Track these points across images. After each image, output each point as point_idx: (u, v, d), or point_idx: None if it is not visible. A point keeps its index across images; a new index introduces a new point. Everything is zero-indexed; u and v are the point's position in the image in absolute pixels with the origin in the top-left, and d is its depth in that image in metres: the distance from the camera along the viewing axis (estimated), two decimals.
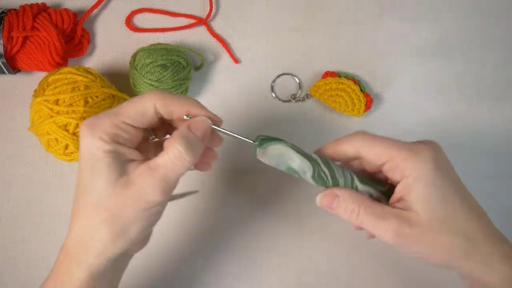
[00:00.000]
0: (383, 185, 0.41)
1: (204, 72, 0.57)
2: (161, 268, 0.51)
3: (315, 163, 0.39)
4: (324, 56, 0.57)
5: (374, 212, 0.37)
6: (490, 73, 0.57)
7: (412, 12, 0.59)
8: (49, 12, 0.53)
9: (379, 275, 0.51)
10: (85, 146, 0.34)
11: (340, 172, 0.39)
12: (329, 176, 0.39)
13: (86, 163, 0.34)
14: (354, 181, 0.39)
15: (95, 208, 0.34)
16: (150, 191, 0.34)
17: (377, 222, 0.37)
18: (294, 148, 0.39)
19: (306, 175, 0.39)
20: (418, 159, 0.37)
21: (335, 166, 0.39)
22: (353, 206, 0.38)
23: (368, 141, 0.39)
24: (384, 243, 0.38)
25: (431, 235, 0.36)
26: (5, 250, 0.51)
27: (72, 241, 0.35)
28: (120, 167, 0.34)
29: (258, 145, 0.39)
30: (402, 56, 0.57)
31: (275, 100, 0.56)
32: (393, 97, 0.56)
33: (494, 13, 0.59)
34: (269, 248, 0.52)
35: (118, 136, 0.34)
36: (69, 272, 0.35)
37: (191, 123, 0.36)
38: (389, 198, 0.39)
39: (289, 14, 0.58)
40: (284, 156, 0.39)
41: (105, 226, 0.34)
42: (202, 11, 0.58)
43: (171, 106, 0.35)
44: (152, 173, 0.34)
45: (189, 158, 0.34)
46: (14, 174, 0.53)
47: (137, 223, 0.34)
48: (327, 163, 0.39)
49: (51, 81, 0.49)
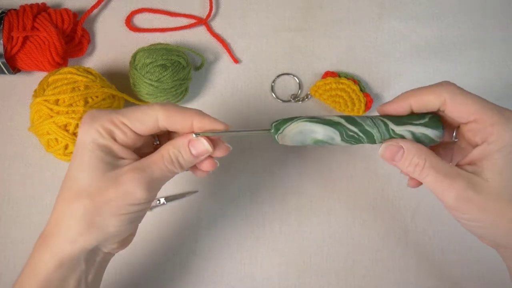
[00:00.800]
0: (422, 117, 0.37)
1: (204, 72, 0.57)
2: (161, 269, 0.51)
3: (339, 126, 0.37)
4: (324, 56, 0.57)
5: (440, 169, 0.35)
6: (490, 73, 0.57)
7: (412, 12, 0.59)
8: (49, 12, 0.53)
9: (379, 275, 0.51)
10: (81, 134, 0.35)
11: (370, 123, 0.37)
12: (360, 132, 0.37)
13: (78, 151, 0.35)
14: (389, 126, 0.37)
15: (76, 196, 0.34)
16: (134, 189, 0.34)
17: (442, 181, 0.35)
18: (312, 120, 0.37)
19: (335, 140, 0.37)
20: (508, 126, 0.34)
21: (362, 118, 0.37)
22: (418, 160, 0.36)
23: (459, 95, 0.35)
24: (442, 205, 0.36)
25: (496, 205, 0.34)
26: (5, 250, 0.51)
27: (49, 226, 0.35)
28: (109, 162, 0.35)
29: (275, 132, 0.38)
30: (402, 56, 0.57)
31: (275, 100, 0.56)
32: (393, 97, 0.56)
33: (494, 13, 0.59)
34: (269, 248, 0.52)
35: (114, 133, 0.35)
36: (40, 257, 0.35)
37: (192, 140, 0.36)
38: (435, 127, 0.37)
39: (289, 14, 0.58)
40: (305, 131, 0.37)
41: (83, 214, 0.34)
42: (202, 11, 0.58)
43: (174, 119, 0.36)
44: (139, 172, 0.35)
45: (179, 169, 0.36)
46: (14, 174, 0.53)
47: (116, 218, 0.35)
48: (352, 120, 0.37)
49: (51, 81, 0.49)
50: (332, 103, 0.54)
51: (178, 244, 0.51)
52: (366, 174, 0.53)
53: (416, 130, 0.37)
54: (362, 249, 0.52)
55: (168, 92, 0.51)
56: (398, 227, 0.52)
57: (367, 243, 0.52)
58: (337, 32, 0.58)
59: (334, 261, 0.52)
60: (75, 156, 0.35)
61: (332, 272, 0.51)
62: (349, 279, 0.51)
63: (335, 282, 0.51)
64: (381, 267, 0.52)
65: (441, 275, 0.51)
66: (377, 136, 0.37)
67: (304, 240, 0.52)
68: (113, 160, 0.35)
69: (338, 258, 0.52)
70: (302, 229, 0.52)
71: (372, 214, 0.53)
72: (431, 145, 0.38)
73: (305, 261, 0.52)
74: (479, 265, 0.51)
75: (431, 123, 0.37)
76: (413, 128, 0.37)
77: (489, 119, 0.34)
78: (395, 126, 0.37)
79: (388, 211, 0.53)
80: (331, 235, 0.52)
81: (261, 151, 0.54)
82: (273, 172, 0.53)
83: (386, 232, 0.52)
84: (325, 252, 0.52)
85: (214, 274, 0.51)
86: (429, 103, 0.36)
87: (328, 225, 0.52)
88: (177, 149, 0.36)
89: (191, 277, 0.51)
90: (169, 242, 0.51)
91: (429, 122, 0.37)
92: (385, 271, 0.52)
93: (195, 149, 0.36)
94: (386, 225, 0.53)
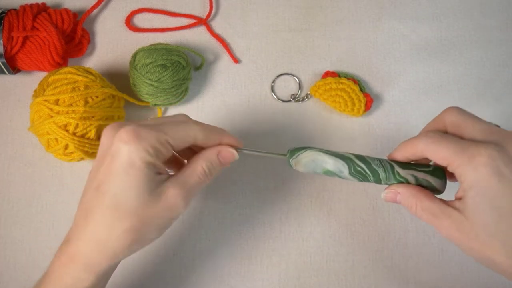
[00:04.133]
0: (427, 166, 0.40)
1: (204, 72, 0.57)
2: (161, 269, 0.51)
3: (349, 160, 0.40)
4: (324, 56, 0.57)
5: (430, 210, 0.38)
6: (490, 73, 0.57)
7: (412, 12, 0.59)
8: (49, 12, 0.53)
9: (379, 275, 0.51)
10: (128, 152, 0.35)
11: (377, 163, 0.40)
12: (367, 169, 0.40)
13: (124, 170, 0.35)
14: (395, 168, 0.40)
15: (120, 214, 0.35)
16: (179, 203, 0.36)
17: (431, 220, 0.38)
18: (324, 151, 0.41)
19: (343, 173, 0.40)
20: (471, 166, 0.35)
21: (371, 158, 0.41)
22: (411, 203, 0.39)
23: (431, 144, 0.38)
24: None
25: (477, 244, 0.36)
26: (5, 250, 0.51)
27: (83, 244, 0.36)
28: (154, 179, 0.36)
29: (289, 157, 0.41)
30: (402, 56, 0.57)
31: (275, 100, 0.56)
32: (393, 97, 0.56)
33: (494, 13, 0.59)
34: (269, 248, 0.52)
35: (160, 151, 0.36)
36: (74, 274, 0.36)
37: (221, 151, 0.40)
38: (438, 177, 0.40)
39: (289, 14, 0.58)
40: (317, 160, 0.41)
41: (129, 233, 0.35)
42: (202, 11, 0.58)
43: (210, 138, 0.39)
44: (180, 187, 0.37)
45: (210, 178, 0.39)
46: (14, 174, 0.53)
47: (158, 231, 0.37)
48: (361, 157, 0.41)
49: (51, 81, 0.49)
50: (332, 103, 0.54)
51: (178, 244, 0.51)
52: None
53: (419, 175, 0.40)
54: (362, 249, 0.52)
55: (168, 92, 0.51)
56: (398, 227, 0.52)
57: (367, 243, 0.52)
58: (337, 32, 0.58)
59: (334, 261, 0.52)
60: (119, 174, 0.35)
61: (332, 272, 0.51)
62: (349, 279, 0.51)
63: (335, 282, 0.51)
64: (381, 267, 0.52)
65: (441, 275, 0.51)
66: (382, 176, 0.40)
67: (304, 240, 0.52)
68: (156, 177, 0.36)
69: (338, 258, 0.52)
70: (302, 229, 0.52)
71: (372, 214, 0.53)
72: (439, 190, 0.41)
73: (305, 261, 0.52)
74: (479, 265, 0.51)
75: (435, 172, 0.40)
76: (417, 174, 0.40)
77: (455, 162, 0.36)
78: (401, 169, 0.40)
79: (388, 211, 0.53)
80: (331, 235, 0.52)
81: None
82: (273, 172, 0.53)
83: (386, 232, 0.52)
84: (325, 252, 0.52)
85: (214, 274, 0.51)
86: (414, 155, 0.39)
87: (328, 225, 0.52)
88: (209, 161, 0.39)
89: (191, 277, 0.50)
90: (169, 242, 0.51)
91: (433, 171, 0.40)
92: (385, 271, 0.51)
93: (223, 158, 0.40)
94: (386, 225, 0.53)
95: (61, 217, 0.52)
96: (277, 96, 0.56)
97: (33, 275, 0.50)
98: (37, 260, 0.51)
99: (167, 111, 0.55)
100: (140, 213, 0.35)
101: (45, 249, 0.51)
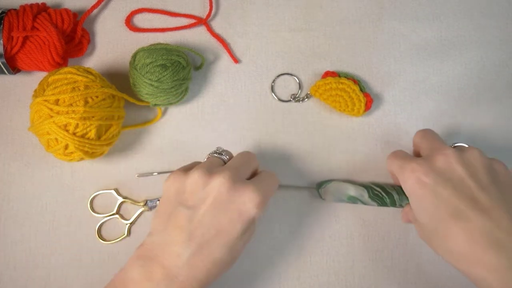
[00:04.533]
0: None
1: (204, 72, 0.57)
2: None
3: (368, 187, 0.50)
4: (324, 56, 0.57)
5: (413, 218, 0.47)
6: (490, 73, 0.57)
7: (412, 12, 0.59)
8: (49, 12, 0.53)
9: (379, 275, 0.51)
10: (254, 215, 0.40)
11: (390, 186, 0.50)
12: (383, 192, 0.49)
13: (245, 226, 0.40)
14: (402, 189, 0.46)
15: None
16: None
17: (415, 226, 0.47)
18: (346, 181, 0.51)
19: (364, 197, 0.50)
20: (402, 179, 0.44)
21: (385, 184, 0.51)
22: (407, 217, 0.49)
23: (387, 160, 0.47)
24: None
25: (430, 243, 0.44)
26: (5, 250, 0.51)
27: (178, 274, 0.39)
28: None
29: (317, 189, 0.51)
30: (402, 56, 0.57)
31: (275, 100, 0.56)
32: (393, 97, 0.56)
33: (494, 13, 0.59)
34: (269, 247, 0.52)
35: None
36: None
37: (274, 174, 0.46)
38: None
39: (289, 14, 0.58)
40: (341, 189, 0.50)
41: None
42: (202, 11, 0.58)
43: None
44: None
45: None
46: (14, 174, 0.53)
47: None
48: (377, 184, 0.50)
49: (51, 81, 0.49)
50: (332, 103, 0.54)
51: None
52: (366, 174, 0.53)
53: None
54: (362, 249, 0.52)
55: (168, 92, 0.51)
56: (398, 227, 0.52)
57: (367, 243, 0.52)
58: (337, 32, 0.58)
59: (334, 261, 0.52)
60: (240, 229, 0.40)
61: (332, 272, 0.51)
62: (349, 279, 0.51)
63: (335, 282, 0.51)
64: (381, 267, 0.52)
65: (441, 275, 0.51)
66: (396, 197, 0.49)
67: (304, 240, 0.52)
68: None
69: (338, 258, 0.52)
70: (302, 229, 0.52)
71: (372, 214, 0.53)
72: None
73: (305, 261, 0.52)
74: None
75: None
76: None
77: (399, 176, 0.45)
78: None
79: (388, 211, 0.53)
80: (331, 235, 0.52)
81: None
82: (274, 172, 0.53)
83: (386, 232, 0.52)
84: (325, 252, 0.52)
85: None
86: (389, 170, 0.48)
87: (328, 225, 0.52)
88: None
89: None
90: None
91: None
92: (385, 271, 0.52)
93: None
94: (386, 225, 0.53)
95: (61, 217, 0.52)
96: (277, 96, 0.56)
97: (33, 275, 0.51)
98: (37, 260, 0.51)
99: (167, 111, 0.55)
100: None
101: (45, 249, 0.51)
